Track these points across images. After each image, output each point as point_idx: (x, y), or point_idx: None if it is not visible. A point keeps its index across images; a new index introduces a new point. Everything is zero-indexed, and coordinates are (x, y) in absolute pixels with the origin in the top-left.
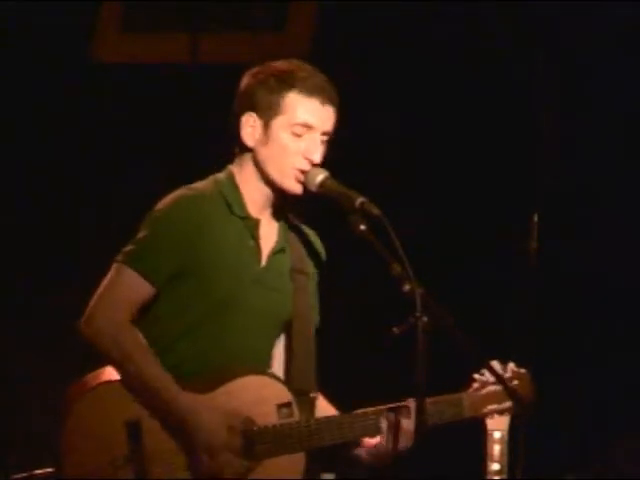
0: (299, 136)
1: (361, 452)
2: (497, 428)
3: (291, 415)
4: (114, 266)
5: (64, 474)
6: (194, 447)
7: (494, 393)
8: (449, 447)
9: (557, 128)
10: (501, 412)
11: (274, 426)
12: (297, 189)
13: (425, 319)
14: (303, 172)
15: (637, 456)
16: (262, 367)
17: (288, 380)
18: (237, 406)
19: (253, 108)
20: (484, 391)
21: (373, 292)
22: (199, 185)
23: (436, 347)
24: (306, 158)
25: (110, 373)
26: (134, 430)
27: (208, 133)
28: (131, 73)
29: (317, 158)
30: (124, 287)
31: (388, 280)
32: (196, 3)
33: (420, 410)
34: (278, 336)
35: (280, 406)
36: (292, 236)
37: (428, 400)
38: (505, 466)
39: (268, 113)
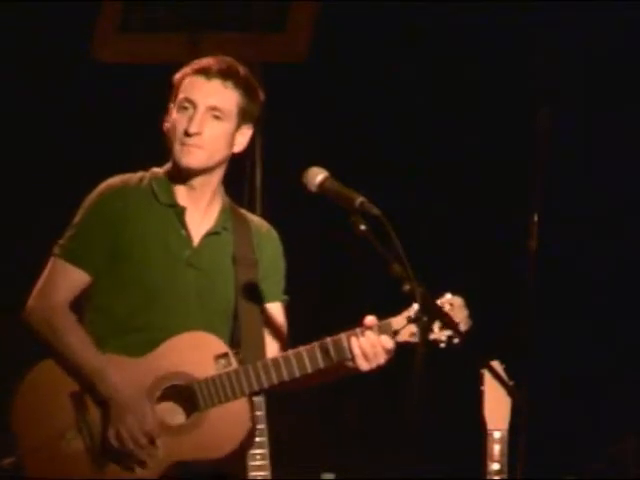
0: (185, 110)
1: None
2: (497, 428)
3: (229, 365)
4: (50, 259)
5: (18, 448)
6: (109, 420)
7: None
8: (449, 447)
9: (556, 128)
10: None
11: (213, 377)
12: (184, 161)
13: (425, 318)
14: (184, 144)
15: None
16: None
17: None
18: (172, 364)
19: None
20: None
21: (372, 291)
22: (130, 175)
23: (436, 347)
24: (185, 130)
25: None
26: (79, 403)
27: None
28: (131, 73)
29: (191, 128)
30: (58, 276)
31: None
32: (196, 3)
33: (413, 409)
34: (226, 325)
35: (217, 357)
36: (239, 226)
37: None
38: (505, 466)
39: (173, 100)
